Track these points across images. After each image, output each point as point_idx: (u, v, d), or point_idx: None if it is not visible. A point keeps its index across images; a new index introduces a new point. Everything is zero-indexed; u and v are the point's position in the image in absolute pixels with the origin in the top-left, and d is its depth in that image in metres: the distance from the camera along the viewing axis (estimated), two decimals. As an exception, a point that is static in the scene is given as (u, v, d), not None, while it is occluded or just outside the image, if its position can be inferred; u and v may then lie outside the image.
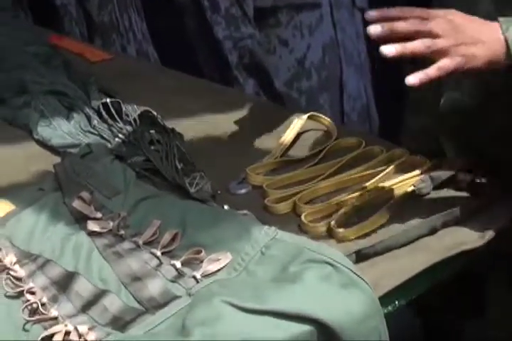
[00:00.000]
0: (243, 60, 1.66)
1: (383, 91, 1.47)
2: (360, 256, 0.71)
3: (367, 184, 0.83)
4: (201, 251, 0.71)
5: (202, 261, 0.70)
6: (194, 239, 0.73)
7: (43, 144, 0.99)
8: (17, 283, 0.68)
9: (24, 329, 0.64)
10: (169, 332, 0.61)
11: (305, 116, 0.99)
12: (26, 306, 0.65)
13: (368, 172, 0.86)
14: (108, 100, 0.99)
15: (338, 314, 0.64)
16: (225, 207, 0.80)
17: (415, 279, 0.72)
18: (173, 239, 0.73)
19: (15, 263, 0.71)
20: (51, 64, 1.22)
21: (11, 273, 0.69)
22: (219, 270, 0.69)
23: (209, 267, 0.69)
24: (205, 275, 0.69)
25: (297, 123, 0.98)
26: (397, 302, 0.72)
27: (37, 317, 0.64)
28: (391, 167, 0.87)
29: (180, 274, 0.70)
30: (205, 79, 1.66)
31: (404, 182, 0.83)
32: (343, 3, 1.40)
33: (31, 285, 0.68)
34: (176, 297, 0.67)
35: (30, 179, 0.90)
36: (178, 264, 0.70)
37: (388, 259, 0.72)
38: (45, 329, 0.63)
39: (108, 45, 1.99)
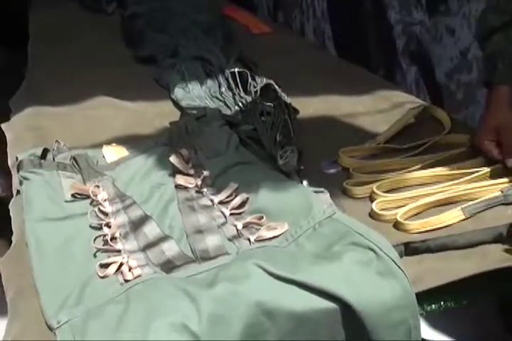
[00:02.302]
0: (409, 46, 1.63)
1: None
2: (410, 249, 0.71)
3: (451, 182, 0.81)
4: (262, 218, 0.76)
5: (261, 227, 0.75)
6: (261, 206, 0.78)
7: (176, 104, 1.10)
8: (101, 216, 0.79)
9: (94, 256, 0.74)
10: (202, 282, 0.66)
11: (421, 107, 0.98)
12: (100, 236, 0.76)
13: (459, 171, 0.83)
14: (236, 70, 1.06)
15: (366, 299, 0.65)
16: (304, 182, 0.84)
17: (468, 284, 0.70)
18: (243, 203, 0.79)
19: (105, 200, 0.81)
20: (212, 32, 1.33)
21: (100, 207, 0.80)
22: (273, 238, 0.74)
23: (264, 233, 0.74)
24: (259, 240, 0.74)
25: (411, 113, 0.97)
26: (442, 303, 0.71)
27: (105, 247, 0.74)
28: (487, 169, 0.83)
29: (238, 235, 0.75)
30: (370, 62, 1.67)
31: (494, 187, 0.80)
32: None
33: (111, 220, 0.78)
34: (226, 254, 0.72)
35: (152, 133, 1.01)
36: (239, 226, 0.76)
37: (440, 258, 0.71)
38: (108, 258, 0.72)
39: (289, 20, 2.07)
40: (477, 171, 0.83)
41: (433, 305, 0.71)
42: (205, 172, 0.83)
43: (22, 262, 0.76)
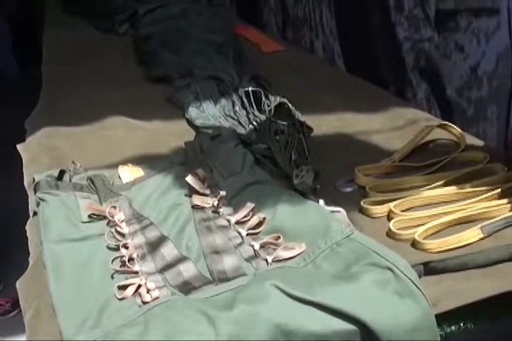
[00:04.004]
0: (419, 63, 1.63)
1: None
2: (429, 269, 0.70)
3: (470, 200, 0.81)
4: (280, 238, 0.76)
5: (278, 247, 0.75)
6: (278, 226, 0.78)
7: (190, 123, 1.10)
8: (118, 237, 0.79)
9: (112, 277, 0.74)
10: (220, 303, 0.66)
11: (435, 125, 0.98)
12: (117, 258, 0.76)
13: (477, 189, 0.83)
14: (250, 89, 1.06)
15: (384, 320, 0.64)
16: (321, 201, 0.84)
17: (487, 304, 0.69)
18: (260, 223, 0.79)
19: (122, 221, 0.81)
20: (224, 51, 1.34)
21: (117, 228, 0.80)
22: (290, 258, 0.73)
23: (281, 253, 0.74)
24: (276, 261, 0.73)
25: (426, 130, 0.97)
26: (462, 324, 0.71)
27: (122, 268, 0.74)
28: (505, 187, 0.83)
29: (255, 255, 0.75)
30: (380, 79, 1.67)
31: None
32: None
33: (128, 241, 0.78)
34: (244, 275, 0.72)
35: (167, 152, 1.01)
36: (256, 246, 0.76)
37: (459, 278, 0.70)
38: (126, 280, 0.72)
39: (298, 37, 2.08)
40: (495, 188, 0.82)
41: (452, 327, 0.70)
42: (222, 193, 0.83)
43: (39, 283, 0.76)
